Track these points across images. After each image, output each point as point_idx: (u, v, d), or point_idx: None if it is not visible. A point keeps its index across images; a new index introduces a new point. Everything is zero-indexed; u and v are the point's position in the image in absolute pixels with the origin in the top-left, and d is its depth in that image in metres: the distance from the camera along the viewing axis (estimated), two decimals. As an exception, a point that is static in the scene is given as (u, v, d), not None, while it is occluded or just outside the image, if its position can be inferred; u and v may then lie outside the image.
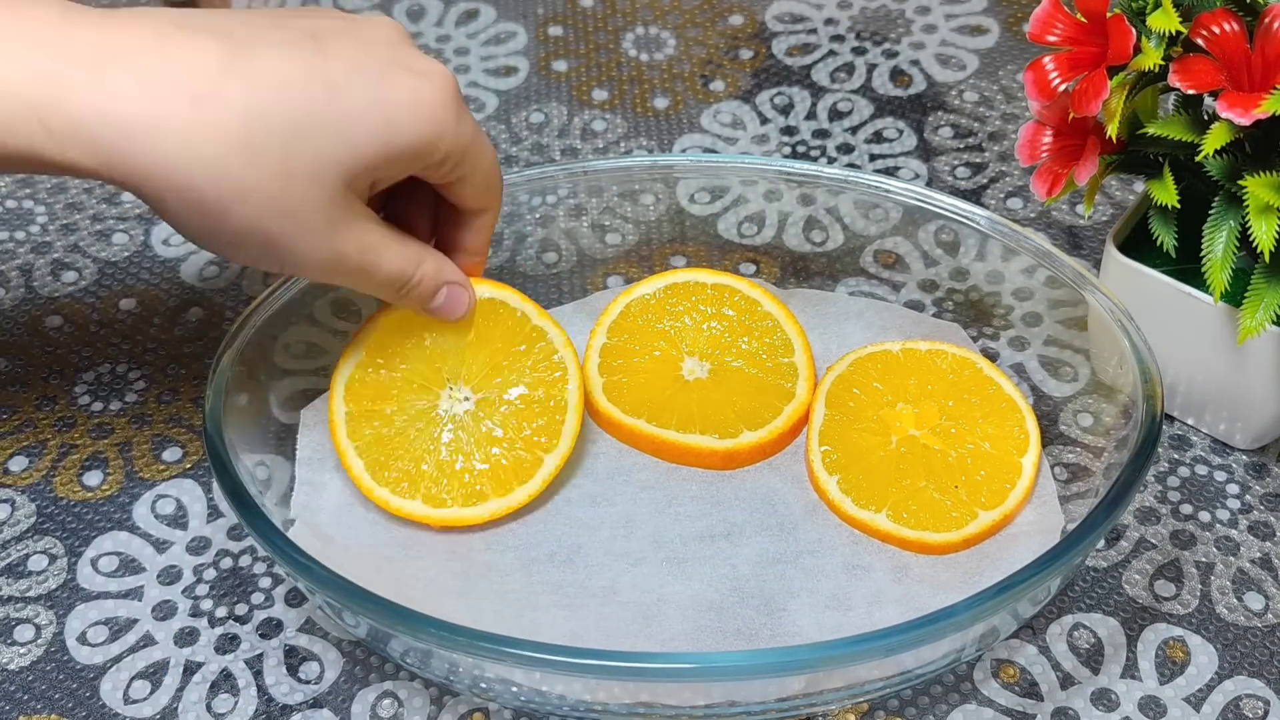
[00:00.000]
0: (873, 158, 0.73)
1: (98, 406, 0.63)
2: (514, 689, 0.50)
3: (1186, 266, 0.56)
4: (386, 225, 0.52)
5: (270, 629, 0.56)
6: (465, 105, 0.51)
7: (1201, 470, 0.61)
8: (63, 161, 0.45)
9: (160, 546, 0.59)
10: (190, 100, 0.45)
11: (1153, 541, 0.59)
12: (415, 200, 0.55)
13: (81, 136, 0.44)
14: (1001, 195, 0.71)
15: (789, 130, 0.74)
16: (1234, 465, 0.61)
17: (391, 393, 0.57)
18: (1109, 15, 0.53)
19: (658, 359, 0.61)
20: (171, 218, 0.47)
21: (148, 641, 0.56)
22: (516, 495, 0.56)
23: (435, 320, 0.56)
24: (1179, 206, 0.55)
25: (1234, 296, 0.55)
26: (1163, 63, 0.53)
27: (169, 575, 0.58)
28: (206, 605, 0.57)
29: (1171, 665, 0.55)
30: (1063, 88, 0.55)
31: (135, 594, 0.57)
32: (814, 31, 0.80)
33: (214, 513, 0.60)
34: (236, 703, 0.54)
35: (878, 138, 0.74)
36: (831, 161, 0.73)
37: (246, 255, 0.48)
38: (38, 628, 0.56)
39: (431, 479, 0.56)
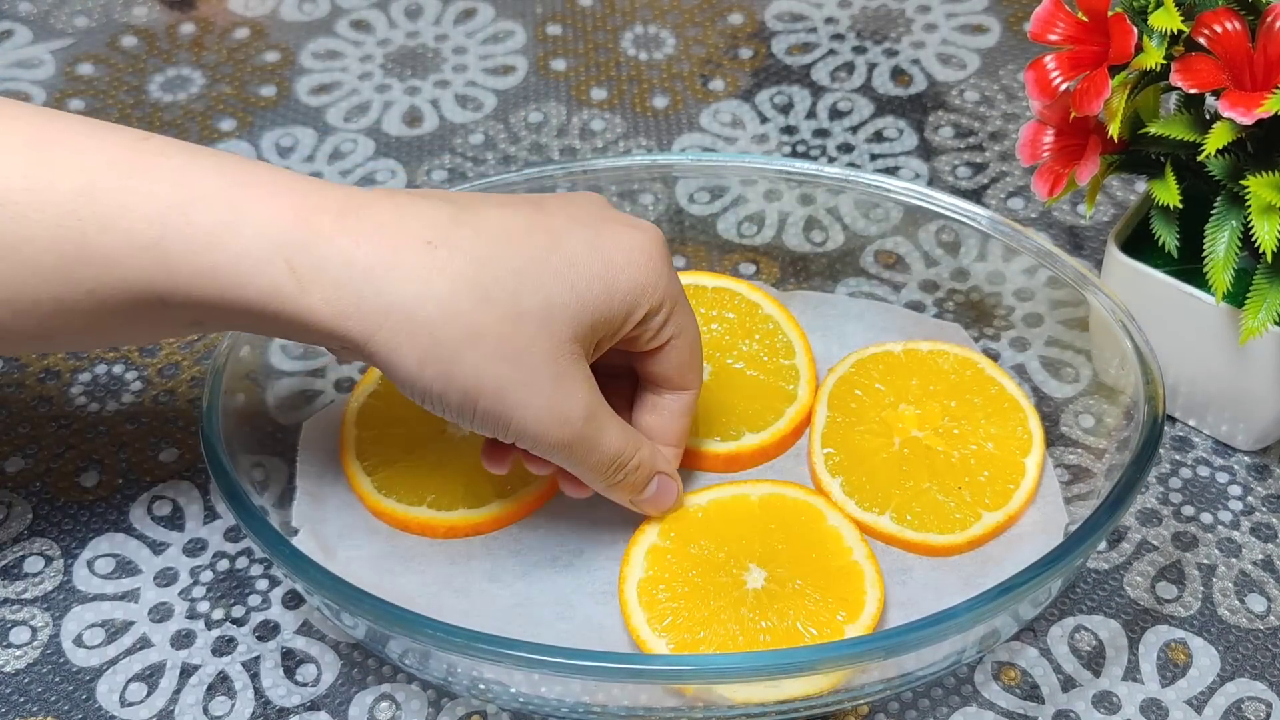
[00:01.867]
0: (873, 157, 0.73)
1: (94, 408, 0.63)
2: (512, 690, 0.50)
3: (1188, 267, 0.56)
4: (604, 400, 0.51)
5: (267, 631, 0.56)
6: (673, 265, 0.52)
7: (1203, 471, 0.60)
8: (301, 305, 0.46)
9: (157, 548, 0.59)
10: (425, 244, 0.47)
11: (1154, 543, 0.58)
12: (615, 385, 0.55)
13: (324, 279, 0.46)
14: (1003, 195, 0.71)
15: (789, 130, 0.74)
16: (1236, 466, 0.60)
17: (401, 414, 0.59)
18: (1110, 14, 0.53)
19: None
20: (404, 367, 0.47)
21: (144, 644, 0.56)
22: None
23: None
24: (1181, 206, 0.54)
25: (1236, 297, 0.54)
26: (1164, 62, 0.53)
27: (165, 577, 0.58)
28: (203, 607, 0.57)
29: (1173, 667, 0.55)
30: (1064, 87, 0.55)
31: (131, 596, 0.57)
32: (814, 30, 0.79)
33: (211, 514, 0.60)
34: (233, 705, 0.54)
35: (878, 137, 0.74)
36: (831, 161, 0.72)
37: (475, 408, 0.48)
38: (33, 630, 0.56)
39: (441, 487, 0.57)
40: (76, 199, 0.45)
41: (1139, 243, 0.58)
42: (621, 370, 0.55)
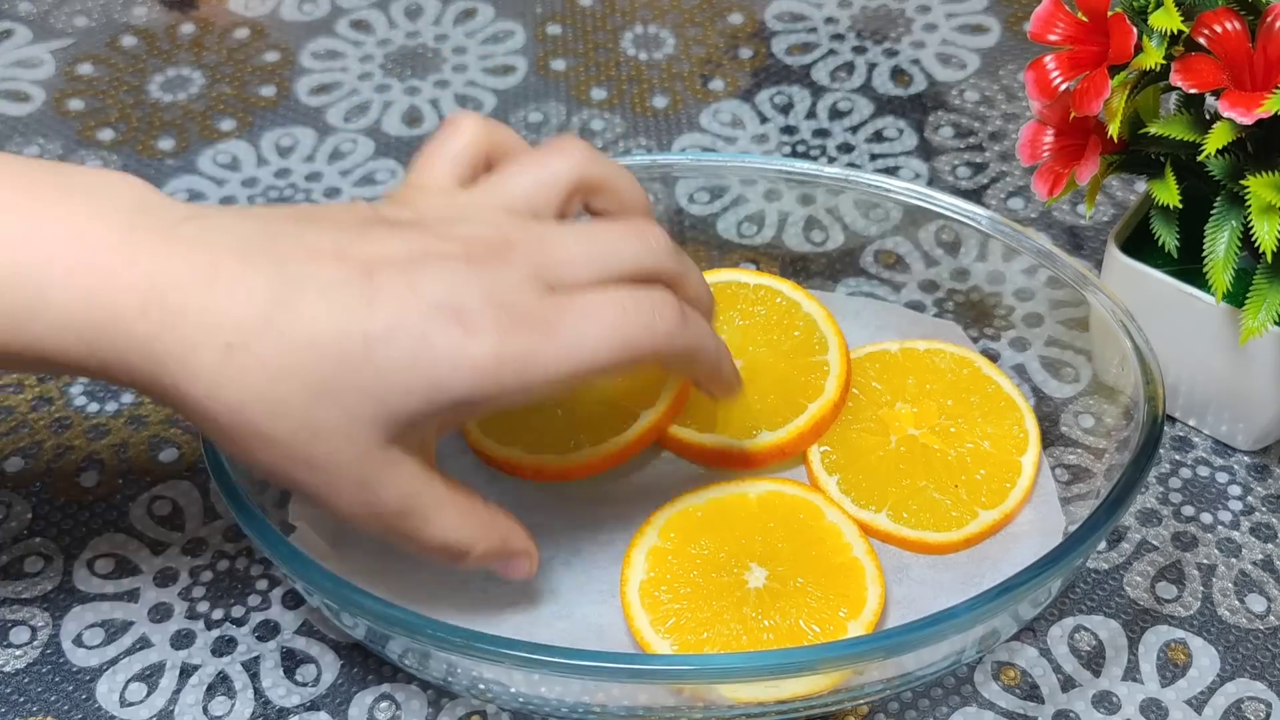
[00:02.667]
0: (873, 157, 0.73)
1: (94, 408, 0.63)
2: (512, 690, 0.50)
3: (1188, 267, 0.56)
4: (448, 485, 0.48)
5: (267, 631, 0.56)
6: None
7: (1203, 472, 0.60)
8: (109, 373, 0.45)
9: (156, 548, 0.59)
10: (223, 348, 0.44)
11: (1154, 543, 0.58)
12: None
13: (125, 364, 0.44)
14: (1002, 195, 0.71)
15: (789, 130, 0.74)
16: (1236, 467, 0.60)
17: None
18: (1110, 14, 0.53)
19: None
20: (209, 439, 0.47)
21: (144, 644, 0.56)
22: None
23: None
24: (1181, 206, 0.54)
25: (1236, 297, 0.54)
26: (1164, 62, 0.52)
27: (165, 577, 0.58)
28: (203, 607, 0.57)
29: (1173, 668, 0.55)
30: (1064, 87, 0.55)
31: (131, 596, 0.57)
32: (814, 30, 0.79)
33: (211, 514, 0.60)
34: (233, 705, 0.54)
35: (878, 137, 0.74)
36: (831, 161, 0.72)
37: (283, 486, 0.47)
38: (33, 630, 0.56)
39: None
40: None
41: (1139, 243, 0.58)
42: None
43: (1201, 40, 0.52)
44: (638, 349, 0.46)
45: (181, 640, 0.56)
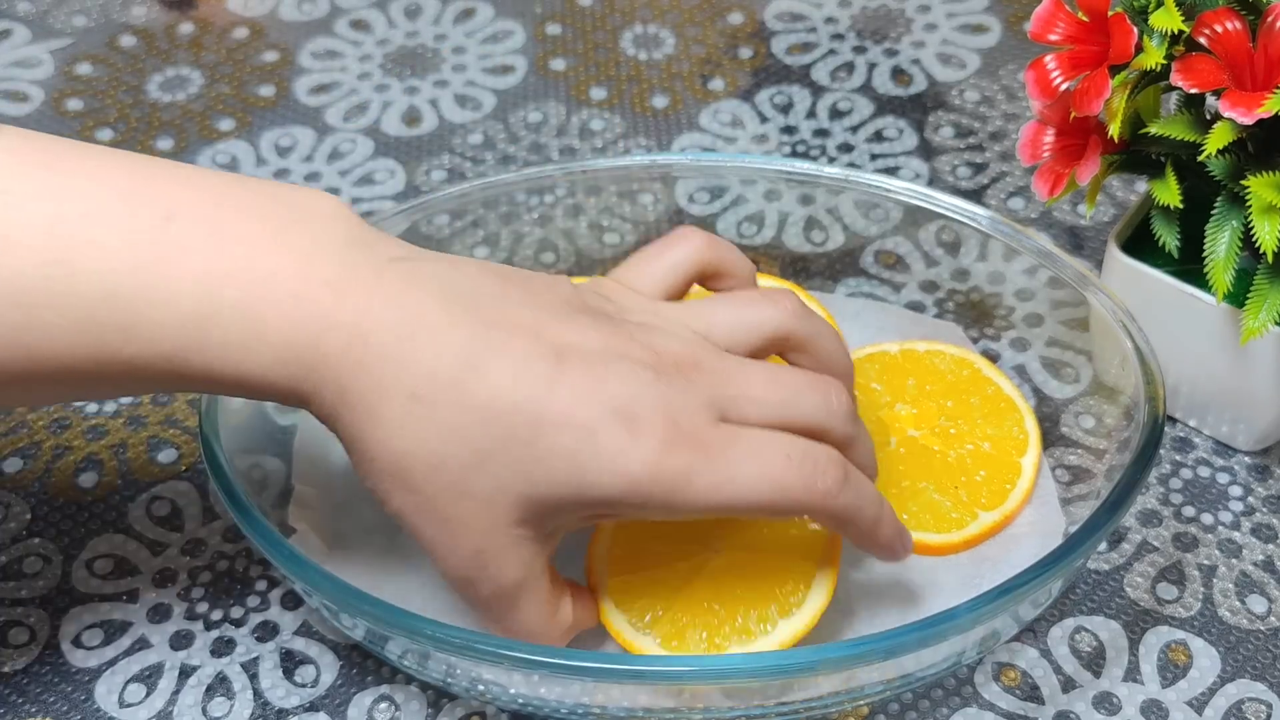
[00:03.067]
0: (873, 157, 0.73)
1: (92, 408, 0.63)
2: (511, 691, 0.50)
3: (1189, 267, 0.56)
4: (553, 581, 0.49)
5: (266, 632, 0.56)
6: (689, 452, 0.46)
7: (1204, 472, 0.60)
8: (300, 399, 0.47)
9: (155, 549, 0.58)
10: (409, 397, 0.45)
11: (1155, 544, 0.58)
12: None
13: (317, 394, 0.46)
14: (1003, 195, 0.71)
15: (789, 129, 0.74)
16: (1237, 467, 0.60)
17: None
18: (1111, 14, 0.53)
19: None
20: (350, 453, 0.47)
21: (142, 645, 0.56)
22: None
23: None
24: (1181, 206, 0.54)
25: (1237, 297, 0.54)
26: (1165, 62, 0.52)
27: (164, 578, 0.58)
28: (202, 608, 0.57)
29: (1174, 668, 0.55)
30: (1064, 87, 0.55)
31: (130, 596, 0.57)
32: (814, 30, 0.79)
33: (209, 515, 0.59)
34: (232, 706, 0.54)
35: (878, 137, 0.73)
36: (831, 161, 0.72)
37: (404, 529, 0.48)
38: (32, 630, 0.56)
39: None
40: (97, 307, 0.44)
41: (1139, 243, 0.58)
42: None
43: (1202, 40, 0.52)
44: (791, 499, 0.47)
45: (180, 641, 0.56)
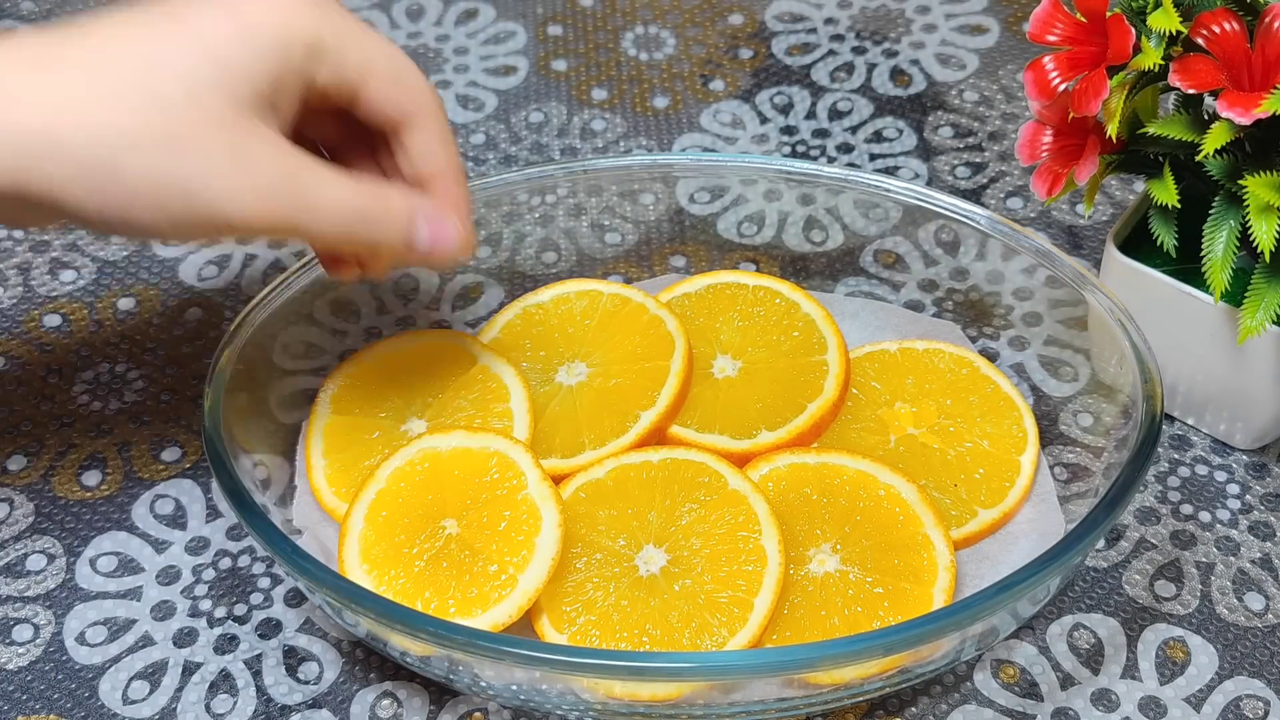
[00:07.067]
0: (873, 157, 0.73)
1: (96, 406, 0.63)
2: (513, 688, 0.50)
3: (1187, 266, 0.56)
4: (320, 160, 0.48)
5: (269, 629, 0.56)
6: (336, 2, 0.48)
7: (1202, 470, 0.61)
8: None
9: (159, 546, 0.59)
10: (31, 67, 0.44)
11: (1153, 541, 0.58)
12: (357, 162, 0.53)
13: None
14: (1001, 195, 0.71)
15: (789, 130, 0.74)
16: (1234, 465, 0.61)
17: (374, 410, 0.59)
18: (1109, 15, 0.53)
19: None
20: (81, 208, 0.45)
21: (146, 642, 0.56)
22: None
23: (398, 362, 0.57)
24: (1179, 206, 0.54)
25: (1234, 296, 0.55)
26: (1163, 62, 0.53)
27: (168, 575, 0.58)
28: (205, 605, 0.57)
29: (1172, 665, 0.55)
30: (1063, 87, 0.55)
31: (134, 594, 0.57)
32: (814, 31, 0.79)
33: (213, 513, 0.60)
34: (235, 703, 0.54)
35: (878, 137, 0.74)
36: (831, 161, 0.73)
37: (169, 218, 0.45)
38: (36, 627, 0.56)
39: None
40: None
41: (1137, 242, 0.59)
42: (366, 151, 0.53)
43: (1200, 41, 0.53)
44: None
45: (184, 638, 0.56)
